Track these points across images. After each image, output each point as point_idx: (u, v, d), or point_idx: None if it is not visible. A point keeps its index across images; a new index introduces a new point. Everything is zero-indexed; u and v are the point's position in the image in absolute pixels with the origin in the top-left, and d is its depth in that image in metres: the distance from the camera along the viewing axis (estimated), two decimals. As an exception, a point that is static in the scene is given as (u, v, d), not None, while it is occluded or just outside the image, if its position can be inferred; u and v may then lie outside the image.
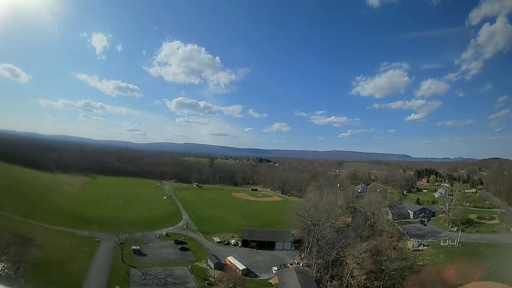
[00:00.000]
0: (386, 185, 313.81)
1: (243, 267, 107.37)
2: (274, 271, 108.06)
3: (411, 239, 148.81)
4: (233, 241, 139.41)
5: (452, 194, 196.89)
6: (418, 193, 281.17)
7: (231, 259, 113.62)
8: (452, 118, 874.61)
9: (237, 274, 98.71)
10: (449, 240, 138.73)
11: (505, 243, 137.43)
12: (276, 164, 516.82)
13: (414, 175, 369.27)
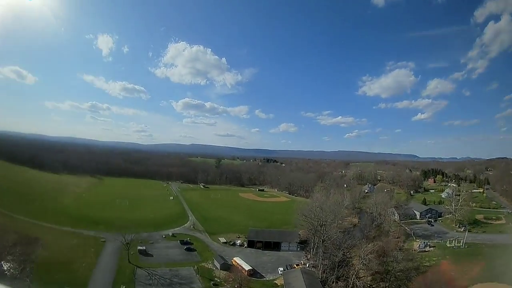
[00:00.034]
0: (393, 185, 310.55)
1: (249, 268, 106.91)
2: (280, 272, 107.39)
3: (418, 240, 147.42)
4: (239, 242, 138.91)
5: (459, 194, 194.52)
6: (425, 193, 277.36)
7: (237, 260, 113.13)
8: (459, 118, 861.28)
9: (243, 275, 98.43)
10: (455, 241, 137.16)
11: (511, 244, 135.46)
12: (283, 165, 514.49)
13: (421, 175, 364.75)
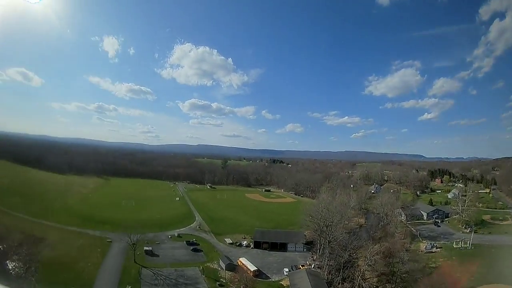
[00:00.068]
0: (400, 186, 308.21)
1: (255, 268, 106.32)
2: (286, 273, 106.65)
3: (424, 241, 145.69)
4: (245, 242, 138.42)
5: (466, 195, 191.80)
6: (432, 194, 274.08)
7: (243, 260, 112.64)
8: (465, 117, 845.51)
9: (248, 275, 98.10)
10: (462, 242, 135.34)
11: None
12: (289, 165, 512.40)
13: (428, 176, 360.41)
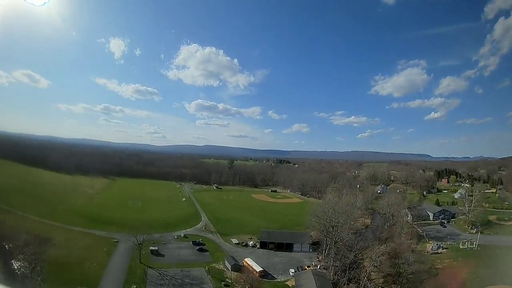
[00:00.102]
0: (406, 186, 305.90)
1: (260, 269, 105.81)
2: (291, 273, 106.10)
3: (430, 242, 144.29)
4: (251, 243, 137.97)
5: (472, 195, 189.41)
6: (438, 194, 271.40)
7: (248, 261, 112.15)
8: (471, 116, 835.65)
9: (254, 276, 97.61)
10: (468, 243, 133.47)
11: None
12: (296, 165, 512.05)
13: (434, 176, 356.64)
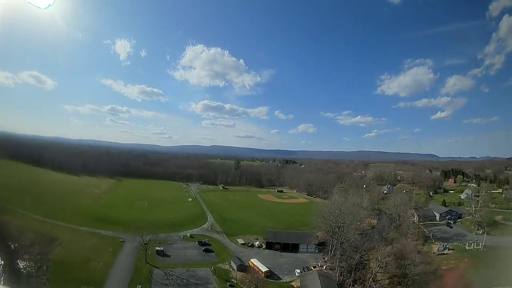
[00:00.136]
0: (413, 186, 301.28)
1: (266, 269, 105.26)
2: (297, 274, 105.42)
3: (436, 243, 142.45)
4: (257, 243, 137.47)
5: (478, 195, 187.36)
6: (445, 194, 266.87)
7: (254, 261, 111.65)
8: (478, 115, 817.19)
9: (260, 276, 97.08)
10: (474, 244, 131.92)
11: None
12: (302, 166, 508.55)
13: (441, 176, 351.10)
